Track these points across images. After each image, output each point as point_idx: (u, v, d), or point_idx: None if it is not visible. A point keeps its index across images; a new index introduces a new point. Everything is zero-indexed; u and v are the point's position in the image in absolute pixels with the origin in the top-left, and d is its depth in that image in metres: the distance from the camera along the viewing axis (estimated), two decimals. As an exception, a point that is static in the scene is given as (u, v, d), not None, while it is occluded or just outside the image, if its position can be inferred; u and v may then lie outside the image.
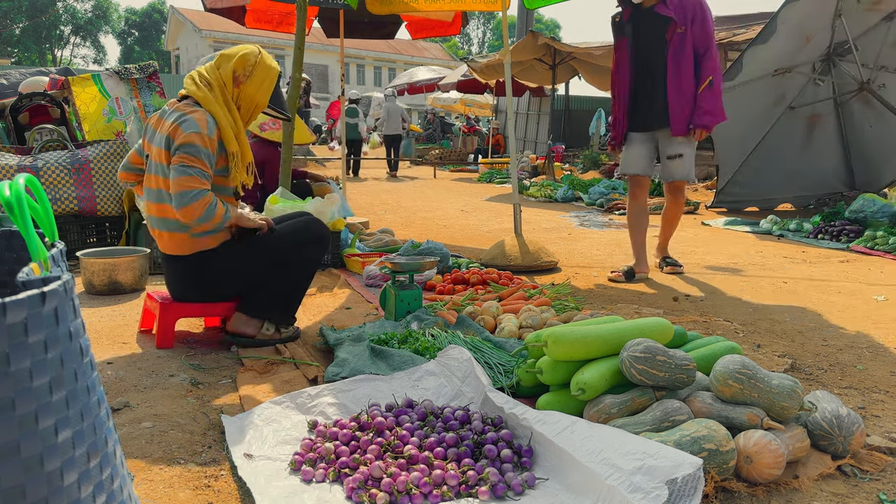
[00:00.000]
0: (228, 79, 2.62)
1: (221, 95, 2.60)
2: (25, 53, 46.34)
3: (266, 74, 2.69)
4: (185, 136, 2.46)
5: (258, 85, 2.67)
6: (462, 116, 25.17)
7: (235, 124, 2.64)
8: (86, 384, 0.78)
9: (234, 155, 2.62)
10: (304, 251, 2.72)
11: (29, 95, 5.11)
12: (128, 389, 2.22)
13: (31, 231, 0.78)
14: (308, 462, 1.70)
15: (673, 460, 1.45)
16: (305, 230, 2.73)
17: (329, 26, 6.96)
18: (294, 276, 2.74)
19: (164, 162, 2.52)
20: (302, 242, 2.71)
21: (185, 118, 2.49)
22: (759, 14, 14.05)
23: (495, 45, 60.69)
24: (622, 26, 4.06)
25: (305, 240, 2.72)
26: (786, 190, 8.32)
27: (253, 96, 2.67)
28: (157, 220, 2.61)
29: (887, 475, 1.72)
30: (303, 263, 2.74)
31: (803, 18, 6.94)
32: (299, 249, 2.70)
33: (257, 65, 2.66)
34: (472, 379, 2.09)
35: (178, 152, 2.46)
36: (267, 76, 2.69)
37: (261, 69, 2.67)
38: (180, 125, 2.48)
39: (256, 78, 2.66)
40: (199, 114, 2.52)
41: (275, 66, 2.74)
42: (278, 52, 40.43)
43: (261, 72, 2.67)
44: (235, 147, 2.61)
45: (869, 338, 3.00)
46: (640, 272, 4.19)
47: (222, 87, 2.61)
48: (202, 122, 2.49)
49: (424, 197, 9.89)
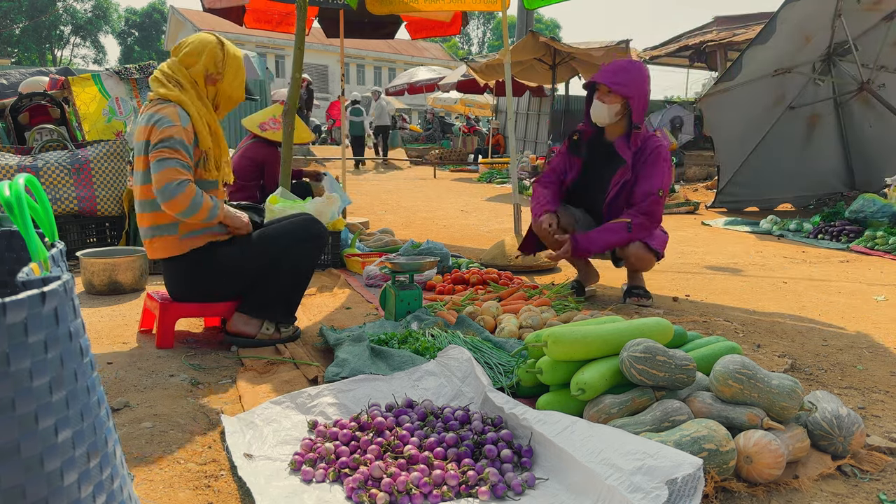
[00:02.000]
0: (200, 77, 2.58)
1: (196, 94, 2.58)
2: (25, 53, 46.32)
3: (237, 67, 2.64)
4: (160, 132, 2.46)
5: (232, 80, 2.64)
6: (462, 116, 25.17)
7: (211, 124, 2.61)
8: (86, 384, 0.78)
9: (207, 152, 2.58)
10: (300, 251, 2.70)
11: (29, 95, 5.11)
12: (128, 389, 2.22)
13: (31, 231, 0.78)
14: (308, 462, 1.69)
15: (673, 460, 1.45)
16: (301, 229, 2.72)
17: (329, 26, 6.95)
18: (291, 275, 2.73)
19: (144, 169, 2.52)
20: (298, 242, 2.70)
21: (157, 117, 2.49)
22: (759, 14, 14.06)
23: (495, 45, 60.69)
24: (578, 146, 3.50)
25: (301, 239, 2.70)
26: (786, 190, 8.33)
27: (231, 94, 2.66)
28: (146, 229, 2.61)
29: (887, 475, 1.72)
30: (299, 263, 2.72)
31: (803, 18, 6.95)
32: (295, 249, 2.69)
33: (227, 59, 2.61)
34: (472, 379, 2.09)
35: (155, 149, 2.46)
36: (238, 69, 2.65)
37: (231, 63, 2.62)
38: (155, 125, 2.48)
39: (230, 73, 2.63)
40: (170, 108, 2.50)
41: (239, 54, 2.68)
42: (278, 52, 40.47)
43: (232, 66, 2.63)
44: (208, 145, 2.58)
45: (869, 338, 3.00)
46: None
47: (194, 85, 2.58)
48: (173, 115, 2.48)
49: (424, 197, 9.88)
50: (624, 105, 3.26)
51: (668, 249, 4.64)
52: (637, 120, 3.28)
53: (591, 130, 3.47)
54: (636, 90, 3.22)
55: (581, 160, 3.50)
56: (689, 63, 16.02)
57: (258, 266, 2.67)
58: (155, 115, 2.49)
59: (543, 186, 3.55)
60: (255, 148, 4.84)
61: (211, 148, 2.60)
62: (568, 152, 3.55)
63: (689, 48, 14.44)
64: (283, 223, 2.76)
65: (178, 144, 2.45)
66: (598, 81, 3.25)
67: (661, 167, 3.27)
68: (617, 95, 3.22)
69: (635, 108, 3.25)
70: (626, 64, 3.30)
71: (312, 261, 2.77)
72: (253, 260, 2.66)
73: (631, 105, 3.24)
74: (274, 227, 2.75)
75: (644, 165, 3.28)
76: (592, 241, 3.28)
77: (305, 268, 2.76)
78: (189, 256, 2.59)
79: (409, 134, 23.39)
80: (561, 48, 11.44)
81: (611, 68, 3.27)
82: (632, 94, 3.21)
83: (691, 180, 12.82)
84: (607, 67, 3.28)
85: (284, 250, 2.68)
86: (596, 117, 3.31)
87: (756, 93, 7.52)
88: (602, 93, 3.26)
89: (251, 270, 2.67)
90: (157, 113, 2.49)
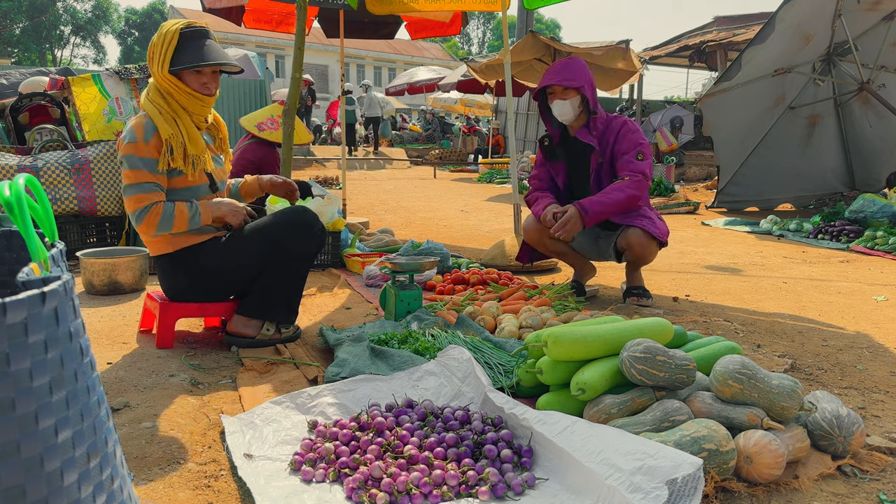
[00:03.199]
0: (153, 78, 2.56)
1: (157, 95, 2.54)
2: (25, 53, 46.34)
3: (157, 48, 2.48)
4: (123, 148, 2.48)
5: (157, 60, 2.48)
6: (462, 116, 25.17)
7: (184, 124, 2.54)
8: (86, 384, 0.78)
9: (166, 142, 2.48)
10: (292, 240, 2.62)
11: (29, 95, 5.11)
12: (128, 389, 2.22)
13: (31, 231, 0.78)
14: (308, 462, 1.69)
15: (673, 460, 1.45)
16: (288, 224, 2.63)
17: (329, 26, 6.95)
18: (285, 273, 2.66)
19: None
20: (289, 231, 2.62)
21: (127, 128, 2.51)
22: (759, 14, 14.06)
23: (495, 45, 60.69)
24: (553, 150, 3.58)
25: (290, 234, 2.62)
26: (786, 190, 8.33)
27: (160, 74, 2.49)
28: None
29: (887, 475, 1.72)
30: (293, 254, 2.64)
31: (803, 19, 6.95)
32: (287, 239, 2.61)
33: (154, 43, 2.49)
34: (472, 379, 2.09)
35: (122, 167, 2.49)
36: (158, 49, 2.48)
37: (156, 43, 2.48)
38: (123, 137, 2.51)
39: (155, 55, 2.49)
40: (137, 118, 2.51)
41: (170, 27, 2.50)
42: (278, 53, 40.46)
43: (157, 46, 2.48)
44: (168, 133, 2.48)
45: (869, 338, 3.00)
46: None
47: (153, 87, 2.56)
48: (138, 127, 2.48)
49: (424, 197, 9.88)
50: (580, 97, 3.40)
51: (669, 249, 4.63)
52: (593, 106, 3.42)
53: (557, 132, 3.58)
54: (585, 80, 3.38)
55: (563, 162, 3.59)
56: (689, 63, 16.03)
57: (250, 261, 2.62)
58: (127, 124, 2.53)
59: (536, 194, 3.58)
60: (254, 149, 4.83)
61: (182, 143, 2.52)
62: (546, 160, 3.64)
63: (689, 48, 14.45)
64: (273, 215, 2.69)
65: (138, 164, 2.46)
66: (552, 83, 3.37)
67: (631, 136, 3.38)
68: (571, 90, 3.36)
69: (589, 96, 3.40)
70: (566, 62, 3.45)
71: (307, 251, 2.67)
72: (243, 253, 2.61)
73: (585, 93, 3.38)
74: (263, 219, 2.69)
75: (615, 142, 3.40)
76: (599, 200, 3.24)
77: (297, 265, 2.68)
78: (179, 254, 2.59)
79: (408, 134, 23.40)
80: (561, 48, 11.42)
81: (556, 69, 3.41)
82: (582, 83, 3.35)
83: (691, 180, 12.83)
84: (552, 70, 3.42)
85: (276, 242, 2.61)
86: (562, 116, 3.42)
87: (756, 93, 7.52)
88: (559, 93, 3.39)
89: (243, 266, 2.63)
90: (128, 123, 2.52)
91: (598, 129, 3.43)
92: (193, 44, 2.50)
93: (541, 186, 3.63)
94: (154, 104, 2.52)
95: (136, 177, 2.45)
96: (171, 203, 2.50)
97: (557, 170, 3.60)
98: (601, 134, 3.43)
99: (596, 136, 3.42)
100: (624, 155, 3.36)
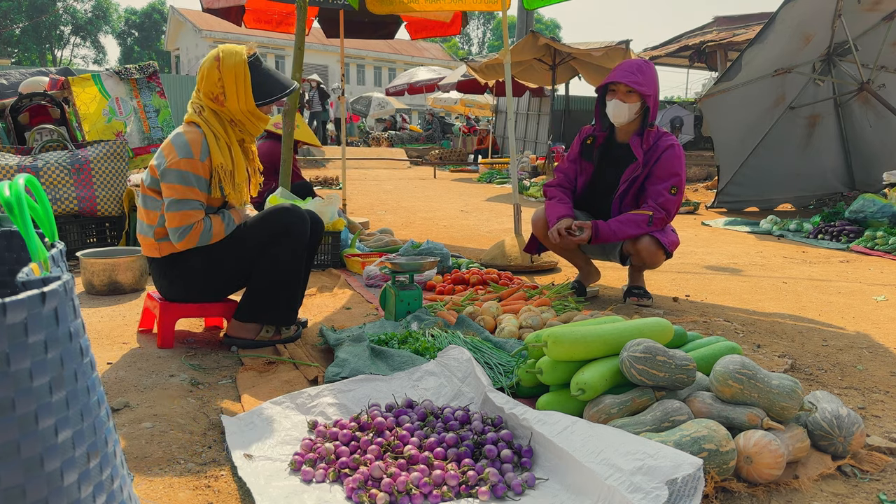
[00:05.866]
0: (208, 100, 2.53)
1: (216, 119, 2.54)
2: (25, 53, 46.36)
3: (235, 77, 2.47)
4: (177, 163, 2.44)
5: (234, 95, 2.49)
6: (462, 116, 25.17)
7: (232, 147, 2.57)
8: (86, 384, 0.78)
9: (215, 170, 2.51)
10: (272, 248, 2.57)
11: (29, 95, 5.11)
12: (128, 389, 2.22)
13: (31, 231, 0.78)
14: (308, 462, 1.69)
15: (673, 460, 1.45)
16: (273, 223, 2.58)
17: (329, 26, 6.95)
18: (274, 274, 2.60)
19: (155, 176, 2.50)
20: (271, 238, 2.57)
21: (179, 135, 2.48)
22: (759, 14, 14.07)
23: (495, 45, 60.70)
24: (591, 150, 3.50)
25: (275, 234, 2.57)
26: (786, 190, 8.33)
27: (242, 109, 2.52)
28: (141, 224, 2.61)
29: (887, 475, 1.72)
30: (276, 260, 2.58)
31: (803, 19, 6.95)
32: (267, 247, 2.57)
33: (223, 75, 2.47)
34: (472, 379, 2.09)
35: (168, 181, 2.44)
36: (237, 78, 2.48)
37: (227, 77, 2.47)
38: (173, 142, 2.48)
39: (230, 89, 2.48)
40: (193, 133, 2.48)
41: (237, 60, 2.48)
42: (278, 53, 40.47)
43: (229, 80, 2.47)
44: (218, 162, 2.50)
45: (869, 338, 3.00)
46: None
47: (209, 108, 2.54)
48: (195, 144, 2.46)
49: (424, 197, 9.88)
50: (642, 104, 3.30)
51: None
52: (652, 118, 3.33)
53: (603, 134, 3.48)
54: (653, 89, 3.27)
55: (592, 164, 3.52)
56: (690, 63, 16.05)
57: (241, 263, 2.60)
58: (179, 133, 2.50)
59: (557, 192, 3.55)
60: (269, 145, 4.88)
61: (231, 172, 2.56)
62: (580, 156, 3.56)
63: (689, 48, 14.47)
64: (255, 217, 2.64)
65: (194, 180, 2.45)
66: (618, 81, 3.25)
67: (674, 162, 3.29)
68: (636, 94, 3.25)
69: (652, 107, 3.29)
70: (641, 63, 3.32)
71: (291, 257, 2.60)
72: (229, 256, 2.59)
73: (648, 103, 3.28)
74: (249, 220, 2.64)
75: (657, 163, 3.31)
76: (613, 230, 3.28)
77: (284, 265, 2.60)
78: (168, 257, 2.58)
79: (408, 134, 23.40)
80: (561, 48, 11.43)
81: (628, 68, 3.28)
82: (650, 92, 3.25)
83: (691, 180, 12.82)
84: (623, 67, 3.29)
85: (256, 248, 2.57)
86: (615, 117, 3.32)
87: (756, 93, 7.52)
88: (621, 93, 3.27)
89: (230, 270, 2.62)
90: (183, 135, 2.48)
91: (649, 143, 3.33)
92: (261, 71, 2.55)
93: (563, 182, 3.59)
94: (210, 127, 2.52)
95: (187, 193, 2.44)
96: (208, 218, 2.52)
97: (584, 168, 3.54)
98: (649, 149, 3.34)
99: (643, 150, 3.32)
100: (659, 182, 3.28)
